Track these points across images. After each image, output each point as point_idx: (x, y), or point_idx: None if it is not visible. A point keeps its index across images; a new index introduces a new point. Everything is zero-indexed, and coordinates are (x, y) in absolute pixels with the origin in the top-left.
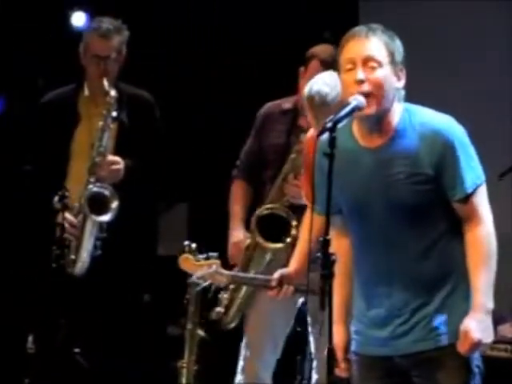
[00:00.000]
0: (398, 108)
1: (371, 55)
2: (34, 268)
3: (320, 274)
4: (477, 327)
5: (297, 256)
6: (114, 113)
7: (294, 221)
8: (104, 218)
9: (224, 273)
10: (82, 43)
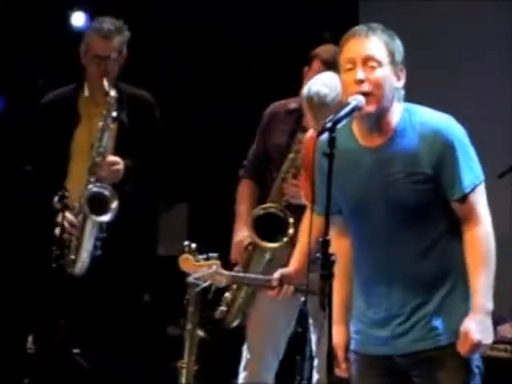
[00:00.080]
0: (398, 108)
1: (371, 55)
2: (34, 268)
3: (320, 275)
4: (477, 328)
5: (297, 256)
6: (114, 113)
7: (291, 219)
8: (104, 218)
9: (224, 273)
10: (83, 43)
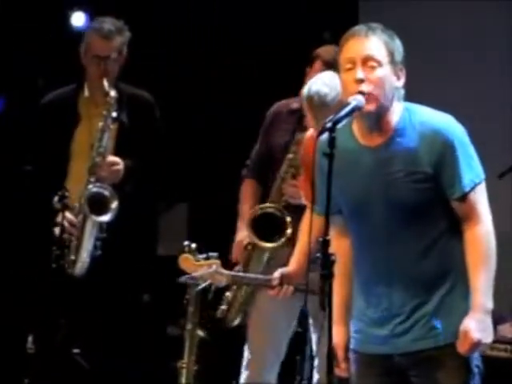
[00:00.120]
0: (398, 107)
1: (371, 55)
2: (34, 268)
3: (320, 274)
4: (476, 327)
5: (297, 255)
6: (114, 113)
7: (289, 218)
8: (104, 219)
9: (224, 273)
10: (83, 43)
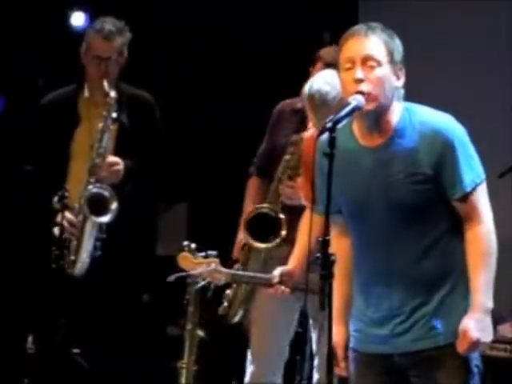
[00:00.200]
0: (398, 107)
1: (370, 54)
2: (34, 268)
3: (320, 275)
4: (476, 326)
5: (296, 255)
6: (114, 114)
7: (283, 218)
8: (104, 219)
9: (223, 271)
10: (84, 42)
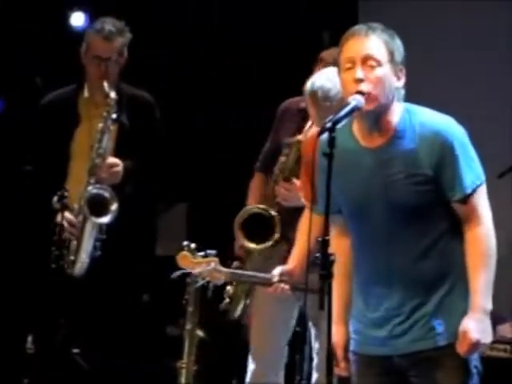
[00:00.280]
0: (398, 108)
1: (370, 54)
2: (34, 268)
3: (319, 274)
4: (475, 327)
5: (296, 254)
6: (114, 115)
7: (276, 218)
8: (104, 220)
9: (223, 270)
10: (84, 43)
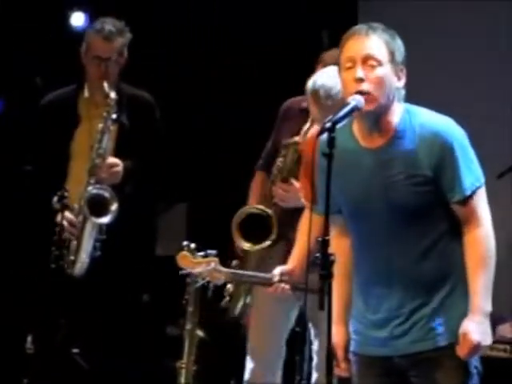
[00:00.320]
0: (399, 108)
1: (371, 53)
2: (34, 268)
3: (319, 275)
4: (476, 329)
5: (296, 254)
6: (114, 115)
7: (272, 218)
8: (103, 220)
9: (223, 270)
10: (84, 43)
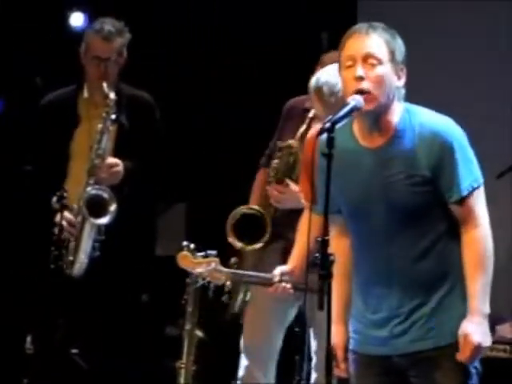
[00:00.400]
0: (399, 107)
1: (371, 52)
2: (33, 268)
3: (318, 274)
4: (476, 330)
5: (296, 255)
6: (113, 115)
7: (266, 218)
8: (102, 221)
9: (223, 270)
10: (83, 43)
